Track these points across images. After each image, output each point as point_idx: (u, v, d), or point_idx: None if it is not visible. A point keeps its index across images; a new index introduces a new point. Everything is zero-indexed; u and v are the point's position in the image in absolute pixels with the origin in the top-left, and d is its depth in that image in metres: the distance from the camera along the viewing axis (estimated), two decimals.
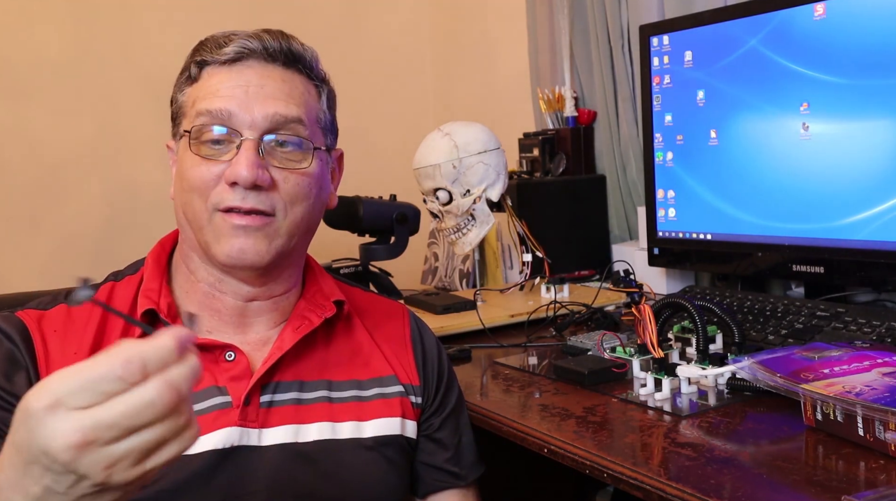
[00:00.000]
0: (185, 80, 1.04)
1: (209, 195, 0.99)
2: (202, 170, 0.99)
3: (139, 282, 1.06)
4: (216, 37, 1.03)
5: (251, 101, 0.99)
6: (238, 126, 0.98)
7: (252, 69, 1.01)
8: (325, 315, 1.07)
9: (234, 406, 0.99)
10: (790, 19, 1.43)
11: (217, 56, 1.01)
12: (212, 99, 0.99)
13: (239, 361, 1.01)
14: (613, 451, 0.97)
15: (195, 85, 1.02)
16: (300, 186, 1.01)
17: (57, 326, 1.01)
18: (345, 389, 1.06)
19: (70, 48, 2.43)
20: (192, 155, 0.99)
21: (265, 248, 1.00)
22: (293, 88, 1.02)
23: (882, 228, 1.33)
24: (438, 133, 1.70)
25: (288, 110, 1.00)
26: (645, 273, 1.77)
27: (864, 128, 1.34)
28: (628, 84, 2.02)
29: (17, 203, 2.38)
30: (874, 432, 0.88)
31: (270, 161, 0.99)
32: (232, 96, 0.99)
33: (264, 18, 2.67)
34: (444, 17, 2.90)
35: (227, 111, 0.98)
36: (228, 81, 1.00)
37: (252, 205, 0.98)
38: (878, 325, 1.25)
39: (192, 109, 1.01)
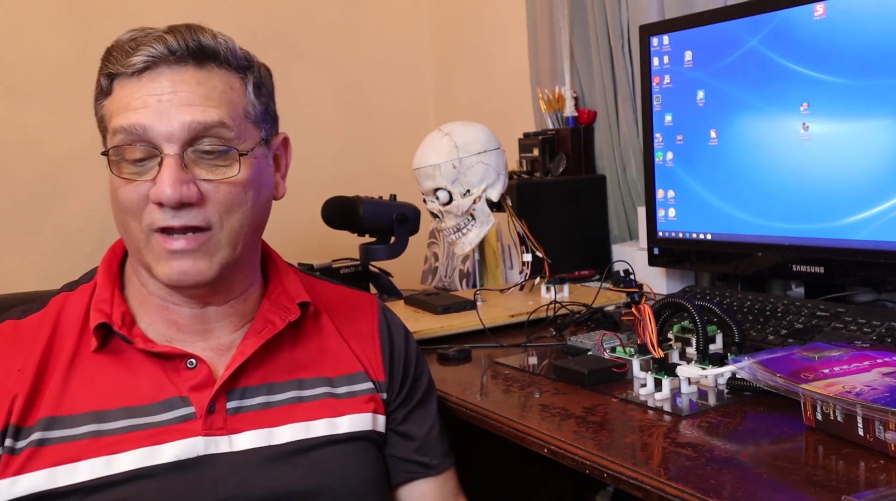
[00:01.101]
0: (100, 93, 0.99)
1: (141, 216, 0.95)
2: (128, 192, 0.95)
3: (92, 291, 1.03)
4: (122, 42, 0.97)
5: (166, 111, 0.93)
6: (156, 140, 0.93)
7: (163, 76, 0.94)
8: (288, 319, 1.04)
9: (197, 416, 0.97)
10: (790, 19, 1.43)
11: (124, 69, 0.95)
12: (125, 114, 0.94)
13: (200, 369, 0.99)
14: (613, 451, 0.97)
15: (109, 98, 0.97)
16: (232, 195, 0.96)
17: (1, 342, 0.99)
18: (316, 386, 1.04)
19: (70, 48, 2.43)
20: (116, 178, 0.96)
21: (207, 265, 0.96)
22: (211, 88, 0.96)
23: (882, 228, 1.33)
24: (438, 133, 1.70)
25: (207, 116, 0.94)
26: (645, 273, 1.77)
27: (864, 128, 1.34)
28: (628, 84, 2.02)
29: (17, 203, 2.38)
30: (874, 432, 0.88)
31: (197, 173, 0.94)
32: (145, 108, 0.93)
33: (264, 18, 2.67)
34: (444, 17, 2.90)
35: (141, 126, 0.93)
36: (140, 91, 0.94)
37: (184, 222, 0.94)
38: (878, 325, 1.25)
39: (109, 124, 0.97)
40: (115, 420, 0.96)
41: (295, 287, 1.08)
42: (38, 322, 1.01)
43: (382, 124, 2.85)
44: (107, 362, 0.99)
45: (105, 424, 0.95)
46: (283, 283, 1.08)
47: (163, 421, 0.96)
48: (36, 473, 0.92)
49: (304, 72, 2.73)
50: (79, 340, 0.99)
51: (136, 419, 0.96)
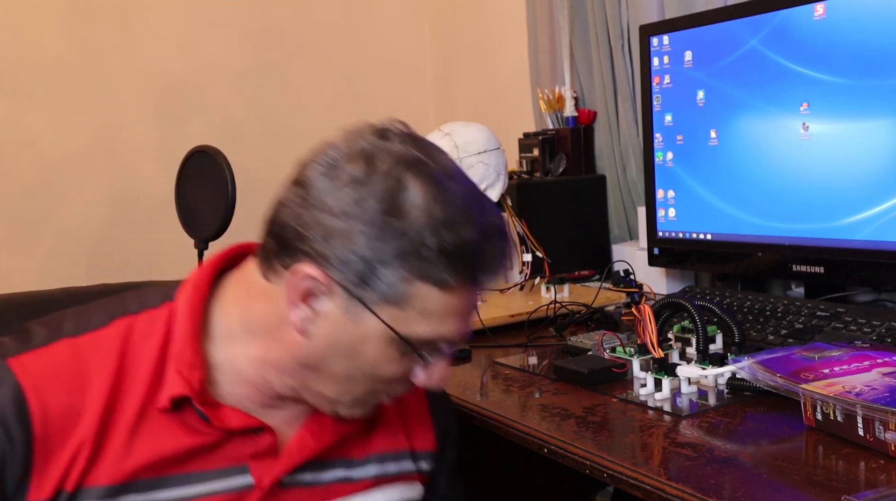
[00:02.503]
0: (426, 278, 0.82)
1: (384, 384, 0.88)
2: (394, 368, 0.86)
3: (164, 330, 0.88)
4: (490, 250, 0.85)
5: (472, 318, 0.91)
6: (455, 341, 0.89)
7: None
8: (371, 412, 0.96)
9: (255, 488, 0.89)
10: (790, 19, 1.43)
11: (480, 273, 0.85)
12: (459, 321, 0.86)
13: (265, 438, 0.89)
14: (613, 451, 0.96)
15: (439, 293, 0.82)
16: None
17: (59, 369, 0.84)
18: (364, 465, 0.97)
19: (70, 48, 2.43)
20: (391, 351, 0.84)
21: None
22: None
23: (882, 228, 1.33)
24: (438, 133, 1.70)
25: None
26: (645, 273, 1.77)
27: (864, 128, 1.34)
28: (628, 84, 2.02)
29: (17, 203, 2.38)
30: (874, 432, 0.88)
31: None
32: (467, 324, 0.89)
33: (264, 18, 2.68)
34: (444, 17, 2.90)
35: (459, 338, 0.88)
36: (471, 302, 0.87)
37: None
38: (878, 325, 1.24)
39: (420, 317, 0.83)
40: (174, 487, 0.86)
41: None
42: (101, 350, 0.87)
43: None
44: (173, 419, 0.87)
45: (162, 491, 0.86)
46: None
47: (219, 490, 0.88)
48: None
49: (304, 71, 2.73)
50: (149, 390, 0.86)
51: (193, 486, 0.87)
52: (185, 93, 2.57)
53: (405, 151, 0.84)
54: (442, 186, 0.83)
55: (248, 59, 2.65)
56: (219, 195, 1.91)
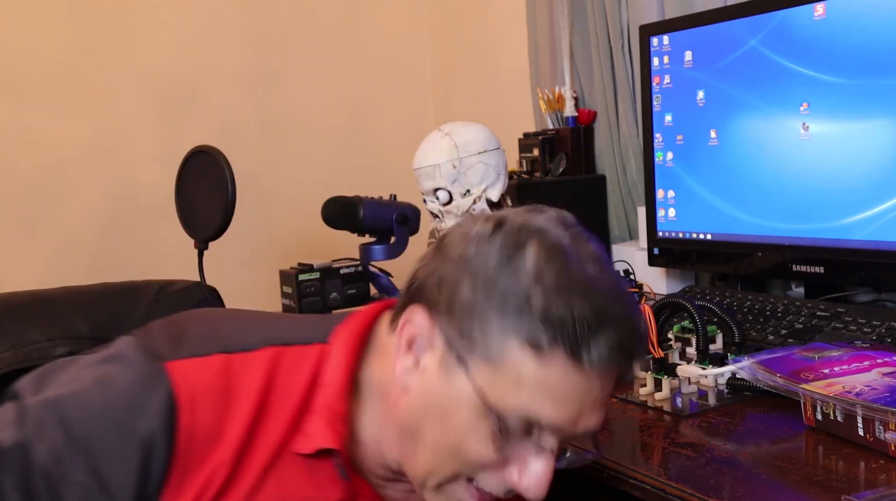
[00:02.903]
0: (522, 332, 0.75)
1: (474, 470, 0.79)
2: (488, 455, 0.77)
3: (314, 372, 0.83)
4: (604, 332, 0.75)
5: (585, 416, 0.77)
6: (559, 436, 0.78)
7: (605, 380, 0.77)
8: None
9: None
10: (790, 19, 1.43)
11: (586, 354, 0.74)
12: (546, 405, 0.75)
13: None
14: (613, 451, 0.96)
15: (534, 359, 0.74)
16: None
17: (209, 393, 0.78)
18: None
19: (70, 48, 2.43)
20: (483, 428, 0.76)
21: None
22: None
23: (882, 228, 1.33)
24: (438, 133, 1.70)
25: (599, 423, 0.80)
26: (645, 273, 1.77)
27: (864, 128, 1.34)
28: (628, 84, 2.02)
29: (17, 203, 2.38)
30: (874, 432, 0.88)
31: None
32: (572, 413, 0.76)
33: (264, 18, 2.67)
34: (444, 17, 2.90)
35: (558, 428, 0.77)
36: (579, 390, 0.76)
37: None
38: (878, 325, 1.24)
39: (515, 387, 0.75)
40: None
41: None
42: (249, 375, 0.81)
43: (382, 124, 2.85)
44: (301, 471, 0.82)
45: None
46: None
47: None
48: None
49: (304, 72, 2.73)
50: (287, 431, 0.81)
51: None
52: (185, 93, 2.56)
53: (541, 223, 0.81)
54: (567, 257, 0.78)
55: (249, 59, 2.65)
56: (219, 195, 1.91)
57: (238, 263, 2.47)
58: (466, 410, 0.77)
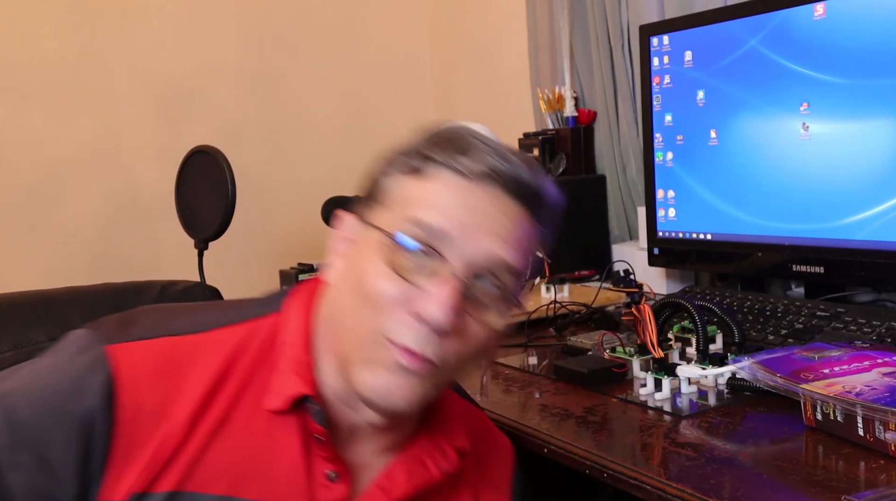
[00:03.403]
0: (403, 162, 0.85)
1: (384, 317, 0.80)
2: (388, 283, 0.80)
3: (271, 331, 0.86)
4: (458, 135, 0.85)
5: (477, 231, 0.81)
6: (449, 254, 0.80)
7: (487, 194, 0.82)
8: (446, 469, 0.89)
9: None
10: (790, 19, 1.43)
11: (457, 165, 0.82)
12: (430, 210, 0.81)
13: (340, 485, 0.84)
14: (613, 451, 0.97)
15: (417, 182, 0.83)
16: (483, 344, 0.84)
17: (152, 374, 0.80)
18: None
19: (70, 48, 2.43)
20: (382, 262, 0.81)
21: (416, 395, 0.82)
22: (523, 233, 0.85)
23: (882, 228, 1.33)
24: None
25: (511, 258, 0.83)
26: (645, 273, 1.77)
27: (864, 128, 1.34)
28: (628, 84, 2.02)
29: (17, 203, 2.38)
30: (874, 432, 0.89)
31: (467, 305, 0.81)
32: (456, 217, 0.81)
33: (265, 18, 2.67)
34: (444, 17, 2.90)
35: (446, 234, 0.80)
36: (457, 196, 0.82)
37: (427, 354, 0.80)
38: (878, 325, 1.25)
39: (403, 208, 0.82)
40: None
41: (457, 426, 0.93)
42: (200, 356, 0.84)
43: (382, 124, 2.85)
44: (256, 434, 0.83)
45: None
46: (447, 419, 0.93)
47: None
48: None
49: (303, 71, 2.73)
50: (239, 395, 0.83)
51: None
52: (185, 93, 2.57)
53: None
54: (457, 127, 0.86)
55: (249, 59, 2.65)
56: (219, 195, 1.91)
57: (238, 263, 2.47)
58: (369, 253, 0.81)
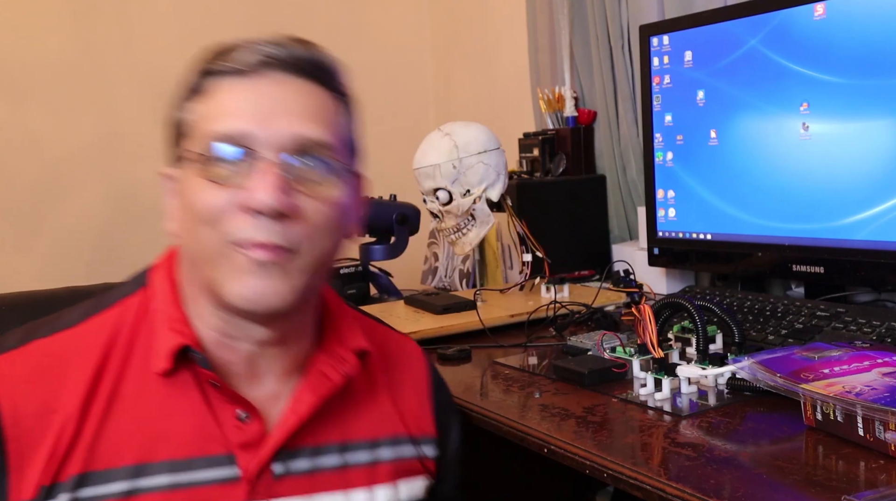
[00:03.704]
0: (190, 94, 0.87)
1: (222, 225, 0.83)
2: (212, 195, 0.83)
3: (141, 305, 0.90)
4: (225, 44, 0.87)
5: (272, 118, 0.83)
6: (257, 146, 0.83)
7: (272, 81, 0.85)
8: (345, 371, 0.93)
9: (242, 479, 0.86)
10: (790, 19, 1.43)
11: (229, 64, 0.85)
12: (225, 119, 0.83)
13: (252, 425, 0.87)
14: (613, 451, 0.97)
15: (202, 100, 0.86)
16: (328, 217, 0.86)
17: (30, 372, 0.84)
18: (360, 450, 0.94)
19: (70, 48, 2.43)
20: (200, 180, 0.83)
21: (286, 288, 0.84)
22: (318, 104, 0.87)
23: (882, 228, 1.33)
24: (438, 133, 1.70)
25: (313, 131, 0.85)
26: (645, 273, 1.77)
27: (864, 128, 1.34)
28: (628, 84, 2.02)
29: (18, 203, 2.38)
30: (874, 432, 0.88)
31: (295, 187, 0.84)
32: (250, 114, 0.83)
33: (265, 19, 2.68)
34: (444, 17, 2.90)
35: (245, 133, 0.82)
36: (244, 95, 0.84)
37: (274, 240, 0.82)
38: (878, 325, 1.25)
39: (200, 130, 0.85)
40: (157, 475, 0.84)
41: (352, 332, 0.96)
42: (76, 347, 0.87)
43: (382, 124, 2.85)
44: (157, 398, 0.86)
45: (144, 479, 0.84)
46: (339, 329, 0.96)
47: (204, 481, 0.85)
48: None
49: None
50: (124, 367, 0.86)
51: (177, 475, 0.85)
52: None
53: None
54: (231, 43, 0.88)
55: None
56: None
57: None
58: (190, 179, 0.85)
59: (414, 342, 1.08)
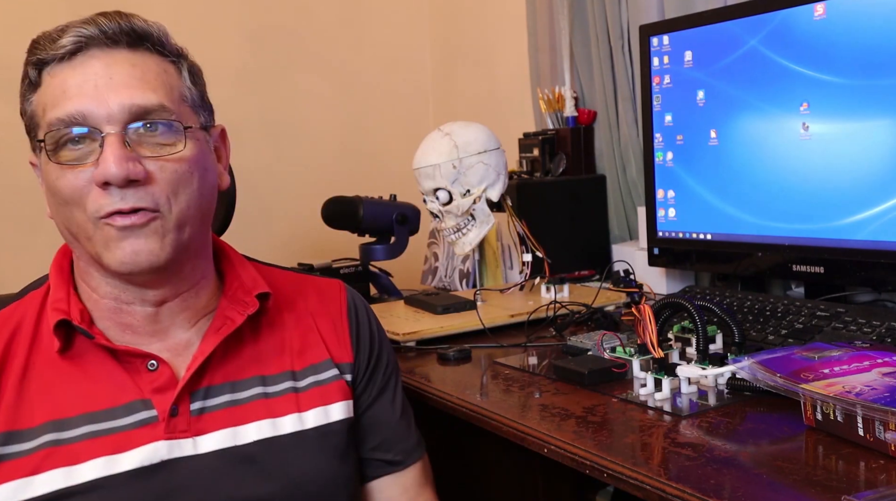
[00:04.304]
0: (28, 87, 0.96)
1: (86, 204, 0.91)
2: (69, 178, 0.91)
3: (44, 296, 1.00)
4: (48, 32, 0.95)
5: (103, 94, 0.90)
6: (95, 124, 0.90)
7: (96, 59, 0.92)
8: (247, 312, 1.01)
9: (159, 420, 0.94)
10: (790, 19, 1.43)
11: (53, 52, 0.92)
12: (61, 104, 0.91)
13: (162, 371, 0.96)
14: (613, 451, 0.97)
15: (39, 90, 0.94)
16: (179, 173, 0.93)
17: None
18: (280, 382, 1.02)
19: None
20: (55, 165, 0.92)
21: (158, 246, 0.92)
22: (146, 70, 0.93)
23: (882, 228, 1.33)
24: (438, 133, 1.70)
25: (146, 98, 0.91)
26: (645, 273, 1.77)
27: (864, 128, 1.34)
28: (628, 84, 2.02)
29: (18, 203, 2.38)
30: (874, 432, 0.88)
31: (141, 152, 0.91)
32: (81, 94, 0.90)
33: (265, 18, 2.68)
34: (444, 17, 2.90)
35: (80, 113, 0.90)
36: (73, 78, 0.91)
37: (132, 204, 0.90)
38: (878, 325, 1.25)
39: (43, 119, 0.93)
40: (76, 428, 0.93)
41: (252, 279, 1.04)
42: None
43: (382, 124, 2.85)
44: (65, 367, 0.96)
45: (65, 432, 0.92)
46: (239, 276, 1.05)
47: (124, 426, 0.93)
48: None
49: (304, 72, 2.73)
50: (32, 347, 0.96)
51: (97, 424, 0.93)
52: None
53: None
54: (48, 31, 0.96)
55: (249, 58, 2.65)
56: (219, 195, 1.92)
57: None
58: (47, 167, 0.93)
59: (340, 282, 1.16)
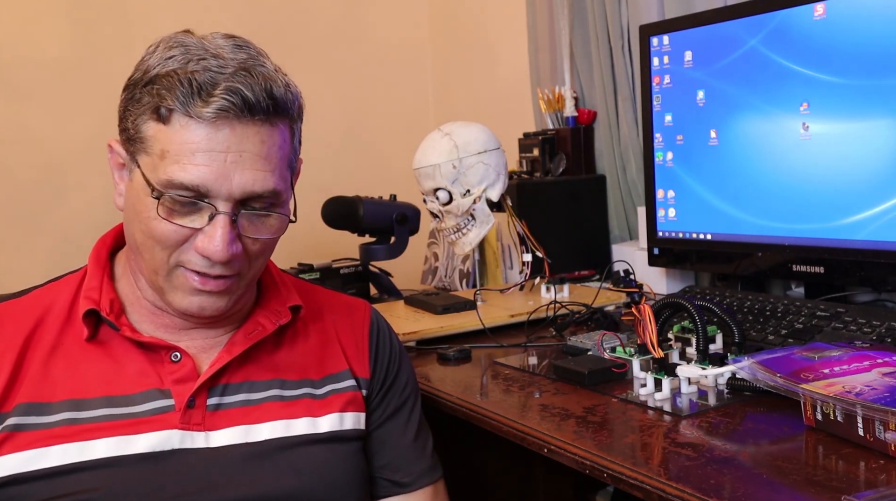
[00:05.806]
0: (150, 110, 0.92)
1: (173, 251, 0.94)
2: (167, 227, 0.93)
3: (81, 281, 1.03)
4: (190, 76, 0.90)
5: (229, 172, 0.91)
6: (214, 200, 0.92)
7: (231, 130, 0.91)
8: (279, 322, 1.05)
9: (176, 409, 0.97)
10: (790, 19, 1.43)
11: (192, 110, 0.90)
12: (185, 165, 0.90)
13: (184, 363, 0.99)
14: (613, 451, 0.97)
15: (165, 128, 0.92)
16: (268, 246, 1.00)
17: None
18: (297, 388, 1.04)
19: (70, 48, 2.43)
20: (155, 209, 0.93)
21: (226, 303, 0.99)
22: (272, 146, 0.94)
23: (882, 228, 1.33)
24: (438, 133, 1.70)
25: (265, 184, 0.93)
26: (645, 273, 1.77)
27: (864, 128, 1.34)
28: (628, 84, 2.02)
29: (18, 203, 2.38)
30: (874, 432, 0.88)
31: (242, 228, 0.95)
32: (209, 165, 0.90)
33: (265, 18, 2.67)
34: (444, 17, 2.90)
35: (204, 187, 0.91)
36: (206, 142, 0.90)
37: (220, 272, 0.95)
38: (878, 325, 1.25)
39: (160, 160, 0.92)
40: (93, 409, 0.96)
41: (288, 292, 1.09)
42: (21, 308, 1.01)
43: (382, 124, 2.85)
44: (91, 350, 0.99)
45: (82, 412, 0.95)
46: (278, 291, 1.09)
47: (141, 412, 0.96)
48: (7, 457, 0.92)
49: (304, 72, 2.72)
50: (63, 328, 1.00)
51: (114, 408, 0.96)
52: None
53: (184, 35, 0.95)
54: (185, 45, 0.93)
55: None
56: None
57: None
58: (143, 197, 0.93)
59: (367, 302, 1.20)
